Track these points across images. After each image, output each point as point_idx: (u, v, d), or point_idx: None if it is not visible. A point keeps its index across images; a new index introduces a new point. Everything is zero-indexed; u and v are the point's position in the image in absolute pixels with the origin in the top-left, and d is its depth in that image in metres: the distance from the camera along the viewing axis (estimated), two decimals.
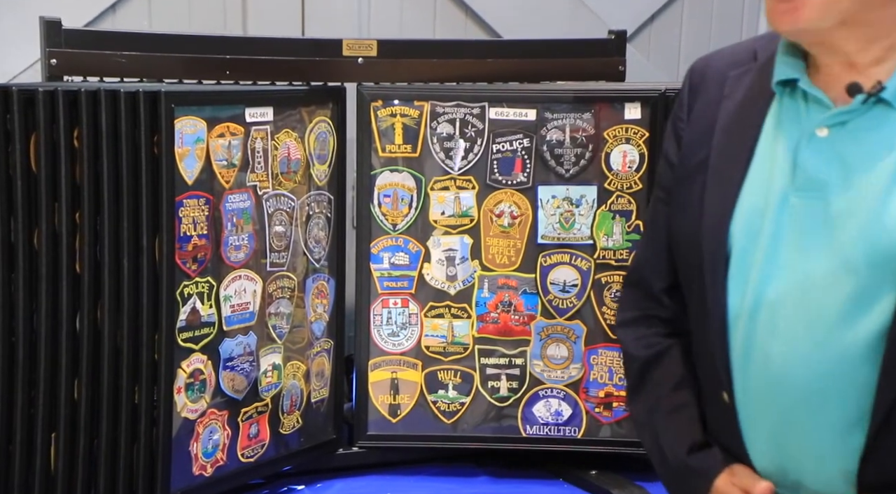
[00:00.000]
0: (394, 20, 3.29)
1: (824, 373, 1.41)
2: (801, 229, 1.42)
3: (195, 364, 2.28)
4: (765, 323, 1.45)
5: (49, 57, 2.45)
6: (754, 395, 1.51)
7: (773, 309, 1.44)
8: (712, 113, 1.56)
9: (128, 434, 2.19)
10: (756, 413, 1.51)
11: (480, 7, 3.35)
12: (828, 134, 1.40)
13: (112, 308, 2.15)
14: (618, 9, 3.53)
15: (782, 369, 1.44)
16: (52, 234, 2.10)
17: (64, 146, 2.09)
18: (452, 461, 2.74)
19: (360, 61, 2.68)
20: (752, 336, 1.47)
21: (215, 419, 2.36)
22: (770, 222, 1.44)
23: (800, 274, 1.41)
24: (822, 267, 1.39)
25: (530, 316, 2.68)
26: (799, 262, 1.41)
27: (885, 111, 1.37)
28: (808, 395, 1.42)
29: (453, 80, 2.74)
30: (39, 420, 2.13)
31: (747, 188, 1.48)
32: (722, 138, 1.53)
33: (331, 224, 2.61)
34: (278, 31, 3.03)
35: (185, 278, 2.23)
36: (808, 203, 1.41)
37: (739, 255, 1.48)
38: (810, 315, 1.41)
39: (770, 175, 1.46)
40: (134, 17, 3.03)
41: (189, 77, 2.56)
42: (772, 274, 1.43)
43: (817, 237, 1.40)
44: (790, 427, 1.47)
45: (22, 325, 2.11)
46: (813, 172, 1.41)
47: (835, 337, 1.39)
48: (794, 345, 1.42)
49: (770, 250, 1.44)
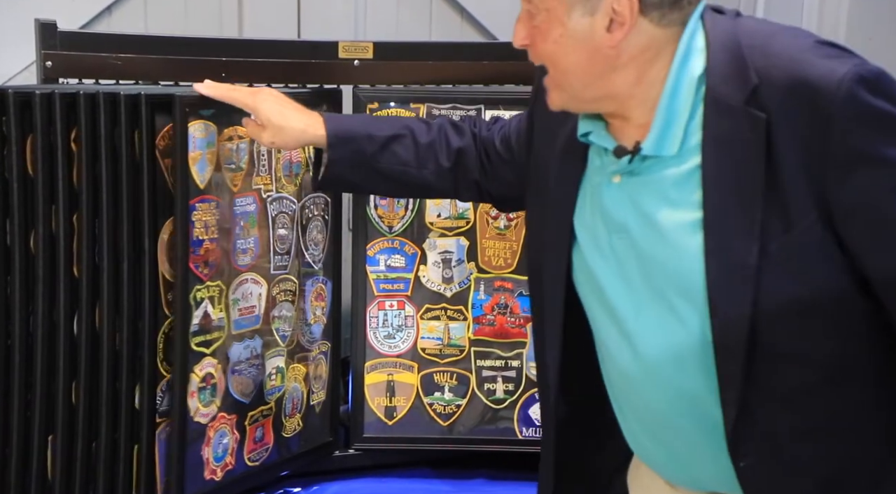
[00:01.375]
0: (390, 22, 3.29)
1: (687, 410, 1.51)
2: (625, 267, 1.52)
3: (207, 368, 2.28)
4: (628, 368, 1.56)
5: (44, 59, 2.44)
6: (634, 423, 1.63)
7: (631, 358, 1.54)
8: (550, 134, 1.66)
9: (127, 439, 2.19)
10: (643, 438, 1.63)
11: (476, 9, 3.35)
12: (621, 180, 1.52)
13: (111, 311, 2.15)
14: None
15: (656, 408, 1.54)
16: (49, 237, 2.10)
17: (61, 149, 2.08)
18: (448, 463, 2.74)
19: (356, 63, 2.68)
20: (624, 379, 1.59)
21: (225, 423, 2.36)
22: (602, 263, 1.55)
23: (637, 316, 1.51)
24: (650, 311, 1.50)
25: (526, 319, 2.68)
26: (631, 305, 1.52)
27: (657, 160, 1.47)
28: (673, 425, 1.53)
29: (449, 82, 2.74)
30: (36, 424, 2.12)
31: (578, 227, 1.59)
32: (558, 170, 1.63)
33: (328, 226, 2.61)
34: (274, 34, 3.03)
35: (197, 282, 2.23)
36: (623, 243, 1.52)
37: (588, 290, 1.60)
38: (664, 363, 1.50)
39: (592, 218, 1.57)
40: (130, 19, 3.03)
41: (185, 79, 2.55)
42: (617, 319, 1.54)
43: (638, 276, 1.50)
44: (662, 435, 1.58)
45: (18, 328, 2.10)
46: (614, 215, 1.52)
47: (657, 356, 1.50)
48: (658, 391, 1.52)
49: (607, 291, 1.55)
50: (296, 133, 1.93)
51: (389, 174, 1.92)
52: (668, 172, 1.47)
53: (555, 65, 1.50)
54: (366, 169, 1.92)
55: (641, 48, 1.45)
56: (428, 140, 1.91)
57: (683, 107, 1.45)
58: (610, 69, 1.45)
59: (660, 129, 1.46)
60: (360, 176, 1.94)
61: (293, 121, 1.94)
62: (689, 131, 1.45)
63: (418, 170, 1.91)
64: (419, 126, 1.95)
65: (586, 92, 1.49)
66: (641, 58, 1.45)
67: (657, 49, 1.45)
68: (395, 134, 1.91)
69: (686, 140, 1.45)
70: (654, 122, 1.46)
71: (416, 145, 1.91)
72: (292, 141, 1.96)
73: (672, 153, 1.46)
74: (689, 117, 1.45)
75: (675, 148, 1.45)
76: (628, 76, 1.46)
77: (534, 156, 1.72)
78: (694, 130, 1.45)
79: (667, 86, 1.46)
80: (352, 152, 1.91)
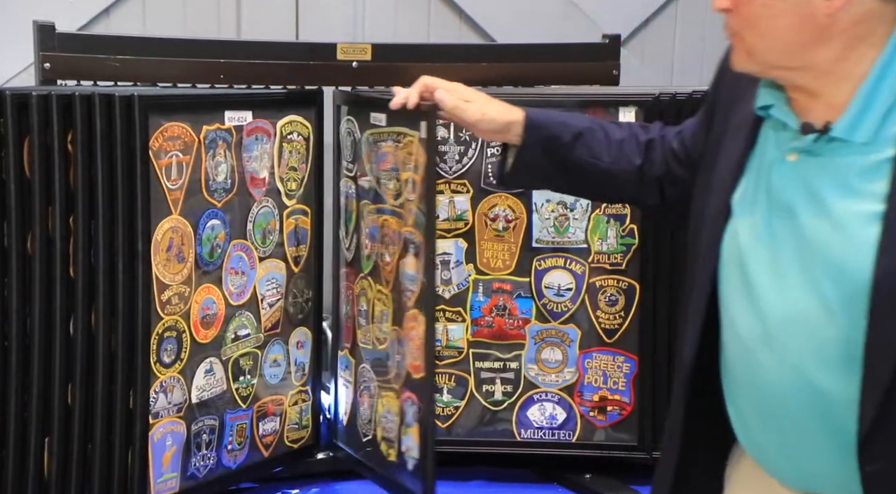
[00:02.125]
0: (388, 24, 3.29)
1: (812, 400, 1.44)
2: (781, 251, 1.46)
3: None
4: (754, 345, 1.49)
5: (42, 61, 2.45)
6: (749, 410, 1.55)
7: (759, 332, 1.48)
8: (728, 109, 1.61)
9: (122, 440, 2.19)
10: (755, 427, 1.55)
11: (475, 11, 3.35)
12: (797, 159, 1.45)
13: (106, 312, 2.15)
14: (612, 13, 3.54)
15: (775, 393, 1.48)
16: (45, 239, 2.10)
17: (58, 150, 2.09)
18: (447, 465, 2.72)
19: (354, 65, 2.68)
20: (747, 356, 1.51)
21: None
22: (755, 241, 1.49)
23: (783, 299, 1.45)
24: (796, 296, 1.44)
25: (525, 320, 2.68)
26: (780, 286, 1.46)
27: (844, 144, 1.41)
28: (801, 418, 1.46)
29: None
30: (33, 425, 2.12)
31: (736, 203, 1.53)
32: (729, 143, 1.57)
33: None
34: (272, 35, 3.04)
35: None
36: (785, 225, 1.46)
37: (729, 267, 1.53)
38: (795, 342, 1.44)
39: (754, 195, 1.51)
40: (128, 21, 3.03)
41: (183, 81, 2.55)
42: (757, 296, 1.48)
43: (793, 261, 1.44)
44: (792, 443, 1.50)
45: (15, 330, 2.10)
46: (781, 194, 1.46)
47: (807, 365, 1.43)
48: (783, 371, 1.46)
49: (754, 269, 1.48)
50: (497, 114, 1.93)
51: (578, 164, 1.89)
52: (855, 159, 1.40)
53: (755, 28, 1.43)
54: (557, 156, 1.90)
55: (856, 20, 1.38)
56: (620, 136, 1.89)
57: (888, 94, 1.39)
58: (817, 39, 1.39)
59: (857, 113, 1.39)
60: (549, 164, 1.91)
61: (493, 104, 1.96)
62: (890, 120, 1.39)
63: (609, 164, 1.88)
64: (611, 124, 1.94)
65: (783, 60, 1.43)
66: (853, 32, 1.39)
67: (872, 25, 1.39)
68: (589, 126, 1.90)
69: (883, 128, 1.39)
70: (852, 104, 1.40)
71: (608, 139, 1.89)
72: (493, 121, 1.94)
73: (864, 140, 1.39)
74: (891, 107, 1.39)
75: (869, 135, 1.39)
76: (833, 50, 1.40)
77: (711, 136, 1.66)
78: (894, 120, 1.39)
79: (875, 68, 1.39)
80: (545, 137, 1.90)
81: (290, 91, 2.60)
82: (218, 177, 2.34)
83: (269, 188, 2.47)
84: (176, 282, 2.26)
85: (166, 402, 2.28)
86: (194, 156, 2.28)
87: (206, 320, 2.35)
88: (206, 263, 2.34)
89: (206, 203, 2.32)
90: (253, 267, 2.45)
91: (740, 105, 1.58)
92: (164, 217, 2.21)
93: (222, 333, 2.41)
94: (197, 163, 2.29)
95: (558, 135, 1.89)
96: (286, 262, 2.54)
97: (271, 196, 2.47)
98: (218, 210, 2.35)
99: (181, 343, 2.30)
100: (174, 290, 2.26)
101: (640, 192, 1.90)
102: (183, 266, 2.27)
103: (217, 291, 2.37)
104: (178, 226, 2.25)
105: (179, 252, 2.26)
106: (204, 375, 2.37)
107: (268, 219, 2.47)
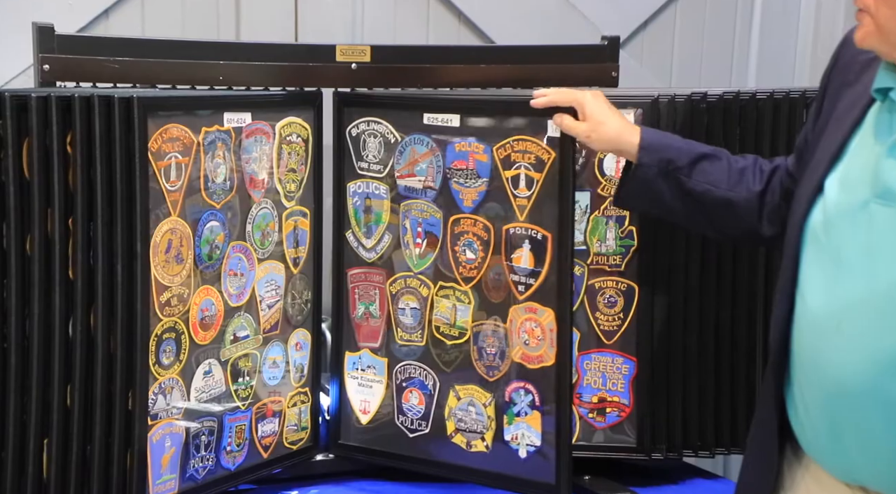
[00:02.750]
0: (387, 26, 3.29)
1: (878, 384, 1.42)
2: (876, 236, 1.44)
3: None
4: (825, 322, 1.48)
5: (41, 62, 2.44)
6: (808, 391, 1.52)
7: (834, 311, 1.47)
8: (836, 97, 1.60)
9: (121, 441, 2.19)
10: (812, 408, 1.53)
11: (473, 13, 3.35)
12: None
13: (106, 314, 2.15)
14: (611, 15, 3.54)
15: (838, 373, 1.46)
16: (44, 240, 2.10)
17: (57, 152, 2.09)
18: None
19: (353, 67, 2.69)
20: (815, 334, 1.50)
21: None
22: (848, 223, 1.47)
23: (866, 283, 1.43)
24: (886, 280, 1.41)
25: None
26: (867, 269, 1.44)
27: None
28: (863, 403, 1.44)
29: (447, 85, 2.74)
30: (32, 427, 2.12)
31: (830, 184, 1.51)
32: (831, 127, 1.55)
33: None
34: (272, 37, 3.03)
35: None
36: (886, 212, 1.43)
37: (813, 246, 1.52)
38: (871, 326, 1.42)
39: (853, 177, 1.48)
40: (127, 23, 3.03)
41: (182, 83, 2.56)
42: (839, 277, 1.46)
43: (888, 247, 1.42)
44: (846, 428, 1.48)
45: (14, 331, 2.10)
46: (888, 179, 1.43)
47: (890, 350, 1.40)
48: (851, 352, 1.44)
49: (843, 250, 1.47)
50: (612, 133, 1.95)
51: (696, 191, 1.88)
52: None
53: (889, 2, 1.41)
54: (672, 180, 1.89)
55: None
56: (742, 165, 1.88)
57: None
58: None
59: None
60: (665, 187, 1.91)
61: (612, 122, 1.96)
62: None
63: (726, 191, 1.87)
64: (734, 155, 1.93)
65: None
66: None
67: None
68: (709, 152, 1.90)
69: None
70: None
71: (729, 167, 1.87)
72: (606, 140, 1.98)
73: None
74: None
75: None
76: None
77: (818, 124, 1.65)
78: None
79: None
80: (661, 160, 1.90)
81: (289, 92, 2.60)
82: (217, 178, 2.34)
83: (269, 189, 2.47)
84: (175, 284, 2.26)
85: (165, 404, 2.28)
86: (193, 157, 2.28)
87: (204, 321, 2.35)
88: (204, 264, 2.34)
89: (206, 204, 2.32)
90: (252, 269, 2.46)
91: (850, 89, 1.56)
92: (163, 218, 2.21)
93: (221, 334, 2.41)
94: (196, 165, 2.29)
95: (674, 158, 1.88)
96: (285, 264, 2.54)
97: (270, 197, 2.48)
98: (217, 211, 2.35)
99: (180, 344, 2.30)
100: (173, 292, 2.26)
101: (760, 222, 1.88)
102: (182, 267, 2.28)
103: (216, 292, 2.38)
104: (177, 227, 2.25)
105: (178, 253, 2.26)
106: (203, 376, 2.37)
107: (267, 220, 2.47)
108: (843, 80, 1.59)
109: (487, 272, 2.45)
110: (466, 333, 2.51)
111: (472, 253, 2.46)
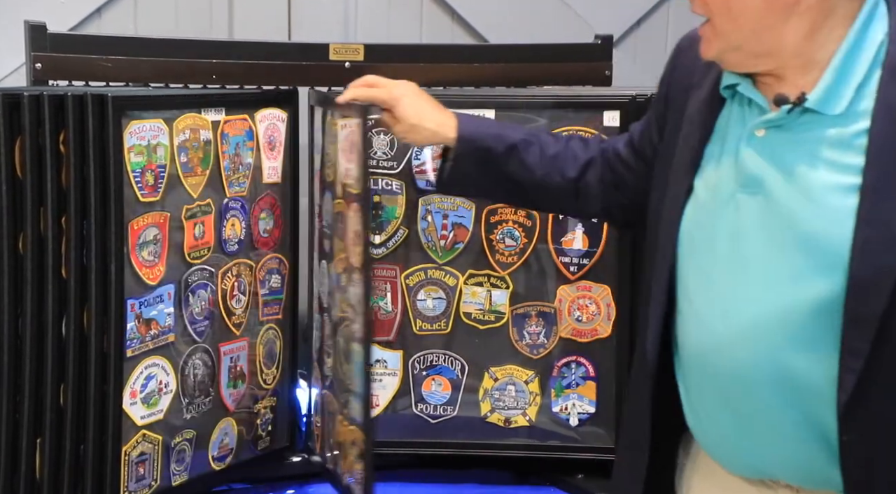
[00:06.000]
0: (380, 24, 3.29)
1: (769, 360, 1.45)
2: (742, 222, 1.48)
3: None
4: (713, 320, 1.51)
5: (34, 61, 2.44)
6: (708, 394, 1.55)
7: (719, 307, 1.50)
8: (683, 99, 1.65)
9: (114, 440, 2.18)
10: (713, 411, 1.56)
11: (467, 11, 3.35)
12: (765, 134, 1.49)
13: (98, 312, 2.14)
14: (604, 13, 3.54)
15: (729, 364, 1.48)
16: (37, 239, 2.10)
17: (49, 150, 2.08)
18: (439, 467, 2.73)
19: (347, 65, 2.68)
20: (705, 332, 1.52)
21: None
22: (719, 217, 1.51)
23: (737, 265, 1.48)
24: (757, 262, 1.46)
25: None
26: (734, 254, 1.48)
27: (815, 117, 1.45)
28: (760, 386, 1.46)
29: (440, 84, 2.74)
30: (25, 426, 2.12)
31: (699, 184, 1.55)
32: (686, 130, 1.61)
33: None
34: (265, 35, 3.03)
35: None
36: (752, 199, 1.48)
37: (689, 247, 1.55)
38: (746, 305, 1.46)
39: (717, 174, 1.53)
40: (119, 21, 3.03)
41: (175, 81, 2.55)
42: (714, 271, 1.51)
43: (757, 234, 1.47)
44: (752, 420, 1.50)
45: (7, 330, 2.10)
46: (752, 170, 1.48)
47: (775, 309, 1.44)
48: (740, 339, 1.47)
49: (716, 244, 1.50)
50: (427, 133, 1.97)
51: (513, 177, 1.91)
52: (827, 132, 1.44)
53: (727, 10, 1.48)
54: (491, 169, 1.92)
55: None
56: (555, 151, 1.90)
57: (859, 70, 1.43)
58: (785, 17, 1.43)
59: (829, 86, 1.43)
60: (484, 175, 1.94)
61: (427, 121, 1.97)
62: (862, 95, 1.43)
63: (543, 178, 1.90)
64: (547, 137, 1.96)
65: (751, 43, 1.47)
66: (818, 8, 1.43)
67: (837, 2, 1.43)
68: (524, 139, 1.92)
69: (855, 102, 1.43)
70: (824, 78, 1.43)
71: (542, 154, 1.90)
72: (423, 139, 2.00)
73: (837, 112, 1.43)
74: (864, 80, 1.43)
75: (842, 108, 1.43)
76: (801, 28, 1.44)
77: (666, 132, 1.69)
78: (866, 95, 1.42)
79: (845, 43, 1.43)
80: (478, 149, 1.92)
81: (265, 90, 2.59)
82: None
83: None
84: None
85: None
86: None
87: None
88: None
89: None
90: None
91: (695, 93, 1.61)
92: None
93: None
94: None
95: (490, 147, 1.92)
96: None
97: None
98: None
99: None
100: None
101: (581, 206, 1.93)
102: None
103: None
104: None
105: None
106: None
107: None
108: (688, 83, 1.64)
109: (529, 256, 2.55)
110: (504, 316, 2.57)
111: (511, 241, 2.54)
